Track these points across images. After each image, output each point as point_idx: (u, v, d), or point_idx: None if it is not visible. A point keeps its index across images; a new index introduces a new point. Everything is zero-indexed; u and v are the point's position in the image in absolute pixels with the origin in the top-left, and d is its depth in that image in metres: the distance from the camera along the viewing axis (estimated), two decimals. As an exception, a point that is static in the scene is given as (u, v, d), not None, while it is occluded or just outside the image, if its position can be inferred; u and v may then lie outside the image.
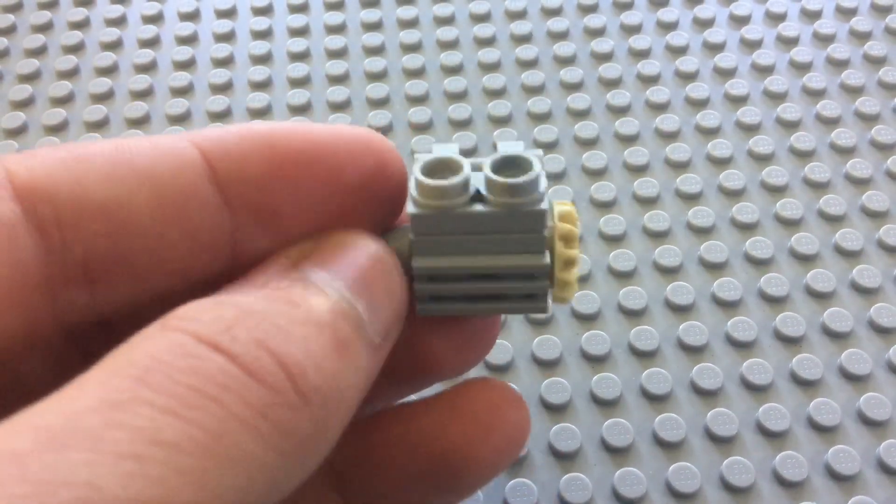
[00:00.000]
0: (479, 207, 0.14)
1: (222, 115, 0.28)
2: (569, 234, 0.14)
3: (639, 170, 0.27)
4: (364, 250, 0.13)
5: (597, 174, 0.27)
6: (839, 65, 0.29)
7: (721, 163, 0.27)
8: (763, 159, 0.27)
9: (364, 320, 0.12)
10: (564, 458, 0.21)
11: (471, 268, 0.14)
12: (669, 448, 0.21)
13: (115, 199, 0.12)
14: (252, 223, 0.13)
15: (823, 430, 0.21)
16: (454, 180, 0.13)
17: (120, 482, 0.09)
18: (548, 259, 0.14)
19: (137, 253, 0.12)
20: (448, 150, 0.14)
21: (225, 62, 0.30)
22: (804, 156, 0.27)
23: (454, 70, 0.29)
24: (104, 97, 0.29)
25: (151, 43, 0.31)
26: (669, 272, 0.24)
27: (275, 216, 0.13)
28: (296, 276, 0.12)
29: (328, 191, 0.13)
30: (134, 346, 0.10)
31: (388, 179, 0.14)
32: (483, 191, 0.14)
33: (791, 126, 0.28)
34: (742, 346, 0.23)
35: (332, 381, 0.11)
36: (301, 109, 0.29)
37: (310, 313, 0.11)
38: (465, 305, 0.15)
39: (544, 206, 0.14)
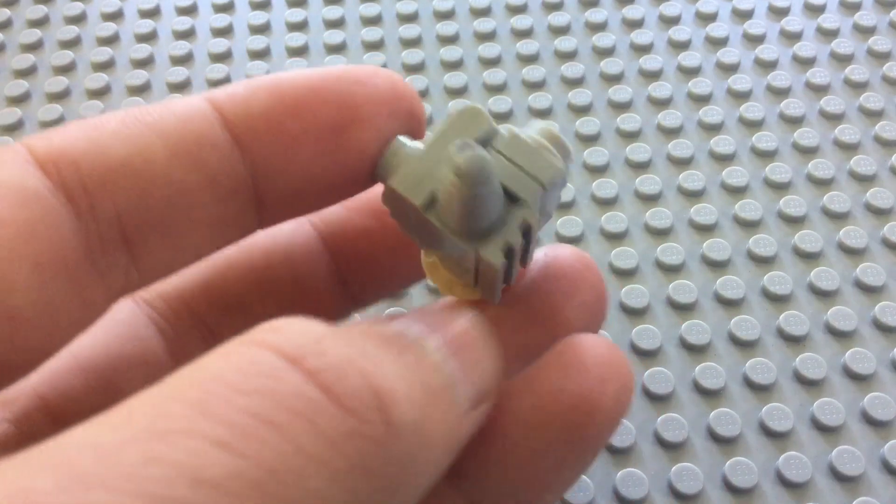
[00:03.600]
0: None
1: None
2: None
3: (641, 166, 0.26)
4: (464, 315, 0.13)
5: (599, 170, 0.26)
6: (843, 60, 0.29)
7: (724, 159, 0.26)
8: (766, 156, 0.27)
9: (455, 383, 0.11)
10: (566, 459, 0.21)
11: None
12: (672, 448, 0.21)
13: (132, 154, 0.12)
14: (267, 162, 0.13)
15: (827, 430, 0.21)
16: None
17: None
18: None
19: (164, 204, 0.12)
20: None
21: (223, 57, 0.30)
22: (807, 152, 0.27)
23: (454, 65, 0.29)
24: (101, 93, 0.29)
25: (148, 38, 0.30)
26: (672, 270, 0.24)
27: (288, 151, 0.13)
28: (387, 323, 0.12)
29: (339, 119, 0.13)
30: (202, 365, 0.09)
31: (403, 105, 0.14)
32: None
33: (794, 122, 0.27)
34: (745, 345, 0.22)
35: (428, 420, 0.10)
36: (300, 105, 0.28)
37: (405, 350, 0.11)
38: None
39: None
